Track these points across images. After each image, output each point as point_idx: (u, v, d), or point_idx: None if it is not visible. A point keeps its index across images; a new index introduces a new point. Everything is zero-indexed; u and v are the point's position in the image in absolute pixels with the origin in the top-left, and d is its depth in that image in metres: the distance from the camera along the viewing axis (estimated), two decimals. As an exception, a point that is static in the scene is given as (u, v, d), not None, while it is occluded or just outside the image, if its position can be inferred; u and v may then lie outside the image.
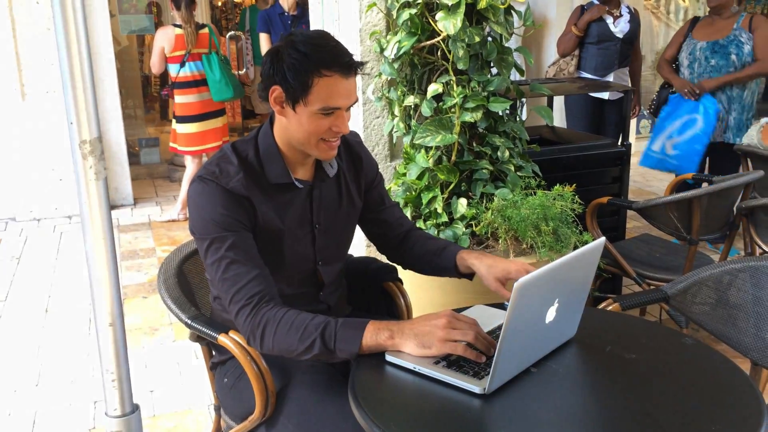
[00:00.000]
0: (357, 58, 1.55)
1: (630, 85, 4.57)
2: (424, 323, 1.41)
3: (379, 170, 1.87)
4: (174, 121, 4.97)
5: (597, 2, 4.40)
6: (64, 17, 1.12)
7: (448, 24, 2.35)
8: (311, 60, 1.48)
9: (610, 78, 4.48)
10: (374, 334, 1.41)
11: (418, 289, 2.30)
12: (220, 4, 9.55)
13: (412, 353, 1.39)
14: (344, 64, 1.50)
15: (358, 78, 1.58)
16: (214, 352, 1.83)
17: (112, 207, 5.42)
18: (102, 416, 1.52)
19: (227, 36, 6.37)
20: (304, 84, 1.49)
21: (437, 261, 1.79)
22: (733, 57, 3.91)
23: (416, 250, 1.83)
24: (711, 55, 3.97)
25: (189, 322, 1.70)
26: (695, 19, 4.18)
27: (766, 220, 2.90)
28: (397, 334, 1.40)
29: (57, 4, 1.13)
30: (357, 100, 1.59)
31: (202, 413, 2.66)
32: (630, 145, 3.33)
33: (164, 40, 4.72)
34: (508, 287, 1.57)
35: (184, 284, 1.89)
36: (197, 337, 1.78)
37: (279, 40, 1.55)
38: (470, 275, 1.77)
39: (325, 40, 1.53)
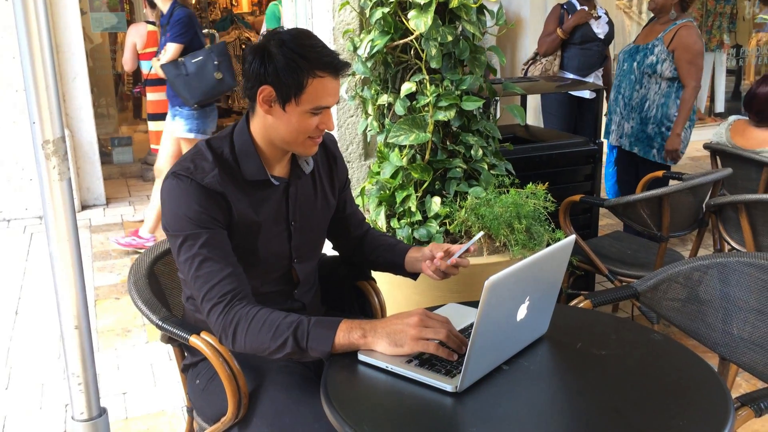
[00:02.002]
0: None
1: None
2: (396, 322, 1.41)
3: (354, 169, 1.88)
4: (147, 119, 4.93)
5: (577, 4, 4.44)
6: (25, 15, 1.10)
7: (419, 22, 2.35)
8: (307, 60, 1.49)
9: (591, 78, 4.53)
10: (347, 332, 1.41)
11: (392, 287, 2.30)
12: (194, 2, 9.46)
13: (385, 352, 1.39)
14: (336, 65, 1.52)
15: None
16: (186, 354, 1.81)
17: (84, 207, 5.34)
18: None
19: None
20: (298, 84, 1.50)
21: (387, 255, 1.83)
22: (635, 65, 3.82)
23: (371, 246, 1.88)
24: (625, 59, 3.90)
25: (160, 323, 1.68)
26: (649, 21, 4.14)
27: (734, 217, 2.95)
28: (369, 332, 1.40)
29: (18, 2, 1.10)
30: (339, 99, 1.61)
31: (175, 415, 2.64)
32: (602, 143, 3.36)
33: (136, 36, 4.68)
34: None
35: (156, 285, 1.87)
36: (169, 339, 1.76)
37: (263, 38, 1.55)
38: (415, 275, 1.81)
39: (313, 40, 1.54)
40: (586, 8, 4.41)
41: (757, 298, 1.76)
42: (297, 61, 1.48)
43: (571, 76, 4.51)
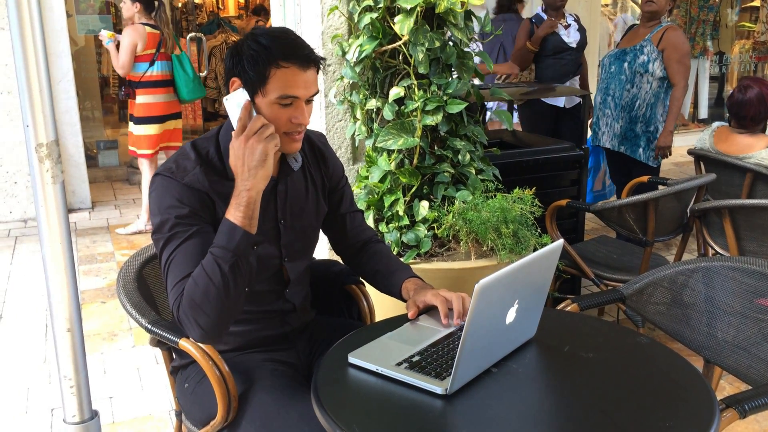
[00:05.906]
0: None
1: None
2: (238, 162, 1.49)
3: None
4: (131, 123, 4.84)
5: (544, 15, 4.44)
6: (19, 18, 1.10)
7: (402, 25, 2.37)
8: (269, 51, 1.51)
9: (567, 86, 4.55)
10: (236, 210, 1.48)
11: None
12: (180, 5, 9.44)
13: (265, 179, 1.49)
14: (302, 56, 1.53)
15: (321, 81, 1.60)
16: (174, 356, 1.81)
17: (70, 211, 5.29)
18: (60, 424, 1.50)
19: (188, 37, 6.31)
20: (261, 75, 1.51)
21: (386, 283, 1.80)
22: (625, 65, 3.86)
23: (369, 266, 1.83)
24: (612, 62, 3.94)
25: (149, 327, 1.68)
26: (629, 29, 4.16)
27: (718, 222, 2.99)
28: (243, 191, 1.48)
29: (12, 4, 1.11)
30: (317, 92, 1.60)
31: (163, 419, 2.63)
32: (588, 149, 3.40)
33: (137, 37, 4.57)
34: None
35: (144, 288, 1.87)
36: (157, 342, 1.76)
37: (242, 36, 1.57)
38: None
39: (285, 34, 1.56)
40: (553, 18, 4.40)
41: (740, 301, 1.78)
42: (260, 53, 1.51)
43: None
